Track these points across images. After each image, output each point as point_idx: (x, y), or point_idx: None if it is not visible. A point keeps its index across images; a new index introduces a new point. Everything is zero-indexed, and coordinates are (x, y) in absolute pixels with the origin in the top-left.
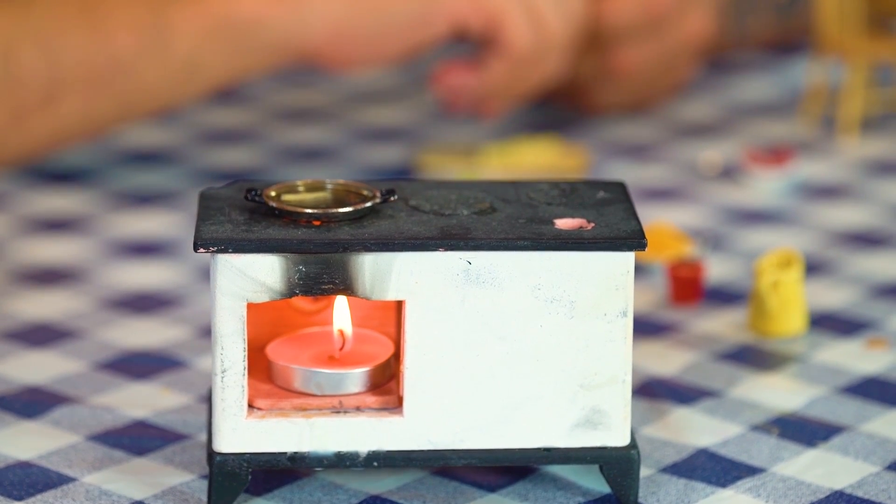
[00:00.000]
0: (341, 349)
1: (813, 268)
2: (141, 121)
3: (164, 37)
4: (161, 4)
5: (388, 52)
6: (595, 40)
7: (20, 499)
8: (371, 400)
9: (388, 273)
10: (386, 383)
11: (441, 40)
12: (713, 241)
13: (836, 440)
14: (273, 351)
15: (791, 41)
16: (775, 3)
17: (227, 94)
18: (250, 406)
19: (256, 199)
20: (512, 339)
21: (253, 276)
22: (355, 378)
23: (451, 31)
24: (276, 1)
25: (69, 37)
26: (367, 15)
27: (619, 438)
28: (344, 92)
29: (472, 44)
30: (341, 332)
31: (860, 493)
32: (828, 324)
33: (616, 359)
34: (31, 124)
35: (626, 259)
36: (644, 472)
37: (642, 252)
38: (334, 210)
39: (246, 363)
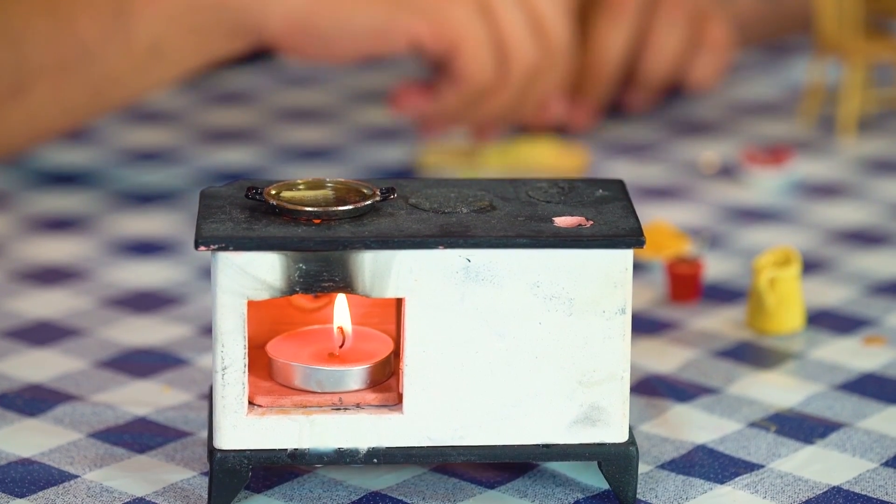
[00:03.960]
0: (341, 346)
1: (811, 266)
2: (114, 111)
3: (126, 22)
4: None
5: (342, 55)
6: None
7: (22, 496)
8: (371, 397)
9: (387, 271)
10: (385, 380)
11: (397, 55)
12: (709, 239)
13: (834, 436)
14: (273, 348)
15: (785, 38)
16: None
17: (227, 95)
18: (251, 403)
19: (257, 197)
20: (511, 337)
21: (253, 273)
22: (355, 375)
23: (408, 49)
24: None
25: (35, 25)
26: (328, 16)
27: (618, 435)
28: (345, 92)
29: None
30: (341, 330)
31: (857, 489)
32: (825, 321)
33: (614, 356)
34: (4, 116)
35: (625, 256)
36: (642, 468)
37: (641, 250)
38: (334, 208)
39: (246, 360)
